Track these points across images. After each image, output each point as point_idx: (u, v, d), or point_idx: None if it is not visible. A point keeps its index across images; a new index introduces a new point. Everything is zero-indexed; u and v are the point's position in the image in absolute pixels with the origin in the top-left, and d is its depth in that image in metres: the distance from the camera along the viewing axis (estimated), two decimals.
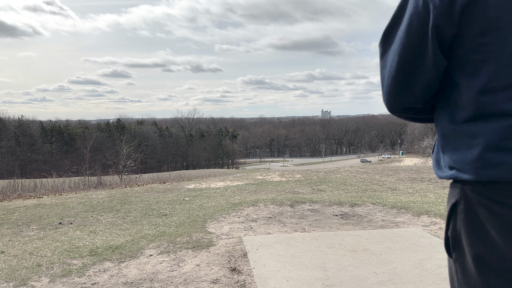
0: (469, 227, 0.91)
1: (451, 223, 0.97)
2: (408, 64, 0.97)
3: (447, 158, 0.96)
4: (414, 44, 0.94)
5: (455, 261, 0.98)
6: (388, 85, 1.01)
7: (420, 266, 3.27)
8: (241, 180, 9.55)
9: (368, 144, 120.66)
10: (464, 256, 0.94)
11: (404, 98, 1.01)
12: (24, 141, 69.69)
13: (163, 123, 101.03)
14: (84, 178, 14.04)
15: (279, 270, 3.24)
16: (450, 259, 1.00)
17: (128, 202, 6.67)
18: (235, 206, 5.80)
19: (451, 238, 0.97)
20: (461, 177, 0.90)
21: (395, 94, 1.01)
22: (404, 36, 0.95)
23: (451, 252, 0.99)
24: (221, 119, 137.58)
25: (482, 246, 0.89)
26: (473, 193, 0.90)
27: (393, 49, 0.99)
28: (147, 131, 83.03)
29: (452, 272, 1.00)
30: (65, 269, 3.39)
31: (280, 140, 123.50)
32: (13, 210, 6.12)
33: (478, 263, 0.90)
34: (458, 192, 0.94)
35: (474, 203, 0.89)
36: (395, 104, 1.03)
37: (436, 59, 0.94)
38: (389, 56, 1.00)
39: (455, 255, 0.97)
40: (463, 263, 0.94)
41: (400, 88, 1.00)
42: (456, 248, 0.96)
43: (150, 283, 3.08)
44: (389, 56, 1.01)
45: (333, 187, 7.85)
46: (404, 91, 1.00)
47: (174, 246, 3.95)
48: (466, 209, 0.91)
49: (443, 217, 4.86)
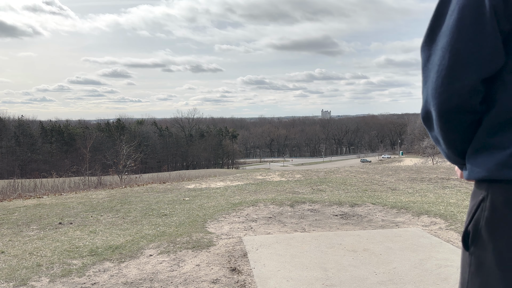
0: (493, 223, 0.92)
1: (474, 218, 0.98)
2: (462, 59, 0.90)
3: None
4: (469, 34, 0.90)
5: (471, 254, 0.99)
6: (439, 85, 0.94)
7: (420, 266, 3.27)
8: (241, 180, 9.55)
9: (368, 144, 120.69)
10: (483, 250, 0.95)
11: (459, 96, 0.93)
12: (24, 141, 69.68)
13: (163, 123, 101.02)
14: (84, 178, 14.05)
15: (279, 270, 3.24)
16: (465, 252, 1.02)
17: (128, 202, 6.67)
18: (235, 206, 5.80)
19: (472, 232, 0.99)
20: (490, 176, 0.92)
21: (449, 93, 0.94)
22: (455, 29, 0.91)
23: (468, 245, 1.00)
24: (221, 119, 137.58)
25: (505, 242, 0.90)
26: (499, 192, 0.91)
27: (441, 48, 0.94)
28: (147, 131, 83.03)
29: (465, 264, 1.02)
30: (65, 269, 3.39)
31: (280, 140, 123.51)
32: (13, 210, 6.12)
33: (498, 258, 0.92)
34: (484, 189, 0.95)
35: (500, 201, 0.91)
36: (448, 105, 0.95)
37: (496, 50, 0.89)
38: (436, 56, 0.95)
39: (473, 248, 0.99)
40: (480, 256, 0.96)
41: (454, 86, 0.93)
42: (475, 242, 0.98)
43: (150, 283, 3.08)
44: (435, 57, 0.96)
45: (333, 187, 7.85)
46: (460, 88, 0.92)
47: (174, 246, 3.95)
48: (491, 206, 0.93)
49: (443, 217, 4.86)
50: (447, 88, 0.93)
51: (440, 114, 0.97)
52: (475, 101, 0.94)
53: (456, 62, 0.91)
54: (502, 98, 0.92)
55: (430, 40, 0.99)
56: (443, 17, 0.95)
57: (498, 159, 0.90)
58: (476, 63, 0.90)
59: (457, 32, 0.91)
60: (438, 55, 0.94)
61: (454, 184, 7.85)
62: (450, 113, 0.95)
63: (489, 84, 0.94)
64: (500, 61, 0.90)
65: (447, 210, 5.24)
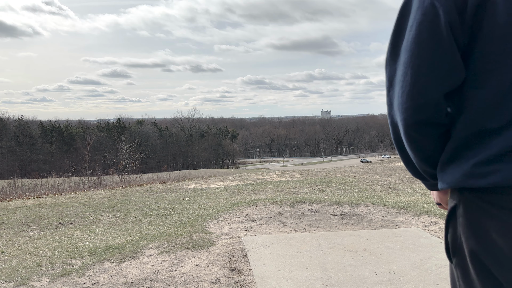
0: (469, 230, 0.91)
1: (450, 227, 0.97)
2: (423, 75, 0.91)
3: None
4: (427, 51, 0.90)
5: (455, 266, 0.97)
6: (404, 101, 0.94)
7: (420, 266, 3.27)
8: (241, 180, 9.55)
9: (368, 144, 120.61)
10: (465, 260, 0.93)
11: (424, 111, 0.93)
12: (24, 141, 69.66)
13: (163, 123, 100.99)
14: (84, 178, 14.04)
15: (279, 270, 3.24)
16: (451, 264, 1.00)
17: (128, 202, 6.67)
18: (235, 206, 5.80)
19: (451, 242, 0.98)
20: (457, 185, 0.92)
21: (413, 108, 0.94)
22: (414, 45, 0.91)
23: (451, 257, 0.99)
24: (221, 119, 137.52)
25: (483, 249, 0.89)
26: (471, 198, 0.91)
27: (403, 63, 0.94)
28: (147, 131, 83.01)
29: (454, 278, 1.00)
30: (65, 269, 3.39)
31: (280, 140, 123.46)
32: (13, 210, 6.12)
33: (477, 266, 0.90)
34: (456, 196, 0.95)
35: (473, 208, 0.90)
36: (414, 119, 0.95)
37: (455, 65, 0.90)
38: (399, 71, 0.95)
39: (455, 260, 0.97)
40: (463, 267, 0.94)
41: (417, 102, 0.93)
42: (456, 253, 0.96)
43: (150, 283, 3.08)
44: (399, 72, 0.95)
45: (333, 187, 7.85)
46: (423, 105, 0.93)
47: (174, 246, 3.95)
48: (465, 213, 0.92)
49: (443, 217, 4.86)
50: (411, 104, 0.93)
51: (406, 129, 0.96)
52: (439, 115, 0.94)
53: (418, 79, 0.91)
54: (465, 112, 0.92)
55: (393, 54, 0.98)
56: (403, 32, 0.95)
57: (463, 170, 0.90)
58: (437, 79, 0.90)
59: (416, 48, 0.90)
60: (401, 71, 0.94)
61: None
62: (416, 126, 0.95)
63: (452, 97, 0.95)
64: (460, 75, 0.91)
65: None
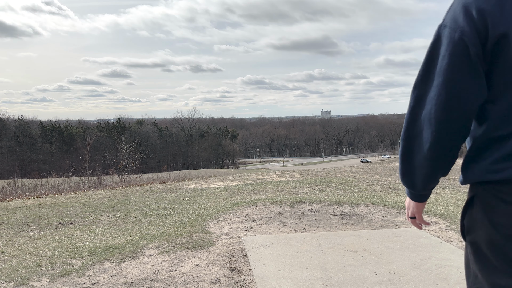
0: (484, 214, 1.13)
1: (468, 212, 1.21)
2: (456, 94, 1.11)
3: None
4: (460, 75, 1.10)
5: (469, 242, 1.21)
6: (438, 115, 1.14)
7: (420, 266, 3.27)
8: (241, 180, 9.55)
9: (368, 144, 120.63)
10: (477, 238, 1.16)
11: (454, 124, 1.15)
12: (24, 141, 69.67)
13: (163, 123, 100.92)
14: (84, 178, 14.03)
15: (279, 270, 3.24)
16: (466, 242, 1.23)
17: (128, 202, 6.67)
18: (235, 206, 5.80)
19: (466, 224, 1.21)
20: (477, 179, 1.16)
21: (447, 121, 1.14)
22: (448, 71, 1.11)
23: (465, 236, 1.22)
24: (221, 119, 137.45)
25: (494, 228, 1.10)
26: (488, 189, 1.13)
27: (436, 85, 1.14)
28: (147, 131, 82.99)
29: (467, 253, 1.23)
30: (65, 269, 3.39)
31: (280, 140, 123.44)
32: (13, 210, 6.12)
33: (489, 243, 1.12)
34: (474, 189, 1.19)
35: (488, 196, 1.13)
36: (447, 130, 1.16)
37: (482, 86, 1.11)
38: (432, 93, 1.15)
39: (469, 238, 1.20)
40: (475, 244, 1.17)
41: (451, 116, 1.14)
42: (470, 232, 1.19)
43: (150, 283, 3.08)
44: (432, 93, 1.15)
45: (333, 187, 7.85)
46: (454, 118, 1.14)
47: (174, 246, 3.95)
48: (481, 201, 1.15)
49: (443, 217, 4.86)
50: (446, 117, 1.14)
51: (439, 137, 1.17)
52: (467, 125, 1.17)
53: (451, 97, 1.12)
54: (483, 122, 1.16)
55: (425, 78, 1.18)
56: (435, 61, 1.16)
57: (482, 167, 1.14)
58: (467, 98, 1.12)
59: (450, 73, 1.12)
60: (435, 92, 1.15)
61: (454, 184, 7.86)
62: (448, 135, 1.17)
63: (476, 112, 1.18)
64: (485, 94, 1.13)
65: (447, 210, 5.25)
